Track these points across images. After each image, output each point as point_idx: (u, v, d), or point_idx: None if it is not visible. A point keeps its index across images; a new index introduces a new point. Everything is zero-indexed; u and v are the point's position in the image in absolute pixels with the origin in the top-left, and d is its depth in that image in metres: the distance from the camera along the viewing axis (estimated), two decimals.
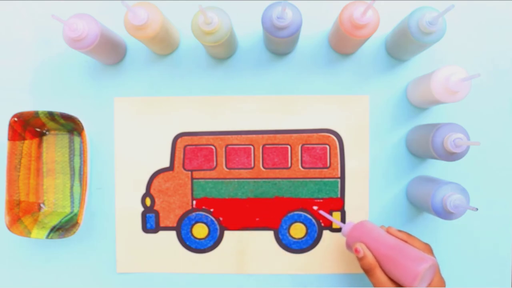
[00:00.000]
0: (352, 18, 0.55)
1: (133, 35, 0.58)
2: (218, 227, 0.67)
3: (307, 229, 0.67)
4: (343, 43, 0.63)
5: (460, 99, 0.56)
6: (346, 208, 0.66)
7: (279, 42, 0.60)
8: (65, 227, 0.65)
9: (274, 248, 0.67)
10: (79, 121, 0.63)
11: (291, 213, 0.67)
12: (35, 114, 0.64)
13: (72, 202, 0.69)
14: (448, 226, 0.66)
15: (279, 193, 0.66)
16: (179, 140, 0.67)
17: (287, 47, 0.64)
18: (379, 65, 0.67)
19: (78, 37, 0.57)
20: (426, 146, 0.58)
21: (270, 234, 0.67)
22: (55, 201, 0.69)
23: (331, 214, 0.66)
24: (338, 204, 0.66)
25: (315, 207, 0.66)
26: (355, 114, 0.66)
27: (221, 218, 0.67)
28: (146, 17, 0.56)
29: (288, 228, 0.67)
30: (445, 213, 0.56)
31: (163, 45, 0.64)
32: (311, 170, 0.66)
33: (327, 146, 0.65)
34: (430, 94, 0.57)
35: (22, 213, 0.66)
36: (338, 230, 0.66)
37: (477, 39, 0.67)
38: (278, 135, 0.66)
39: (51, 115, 0.64)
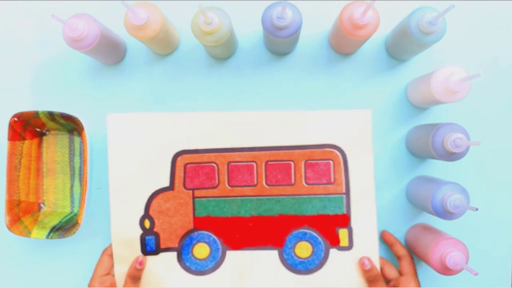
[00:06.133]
0: (352, 18, 0.55)
1: (133, 35, 0.58)
2: (220, 246, 0.64)
3: (313, 248, 0.64)
4: (343, 43, 0.63)
5: (460, 99, 0.56)
6: (353, 225, 0.64)
7: (279, 42, 0.60)
8: (65, 227, 0.65)
9: (278, 269, 0.64)
10: (79, 121, 0.63)
11: (296, 231, 0.64)
12: (35, 114, 0.64)
13: (72, 202, 0.69)
14: (448, 226, 0.66)
15: (283, 211, 0.64)
16: (179, 158, 0.64)
17: (287, 47, 0.64)
18: (379, 65, 0.67)
19: (78, 37, 0.57)
20: (426, 146, 0.58)
21: (274, 254, 0.64)
22: (55, 201, 0.69)
23: (337, 232, 0.63)
24: (344, 221, 0.64)
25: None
26: (358, 129, 0.64)
27: (223, 238, 0.65)
28: (146, 17, 0.56)
29: (293, 247, 0.64)
30: (445, 213, 0.56)
31: (163, 45, 0.64)
32: (315, 186, 0.64)
33: (331, 162, 0.64)
34: (430, 94, 0.57)
35: (22, 213, 0.66)
36: (346, 248, 0.63)
37: (477, 39, 0.67)
38: (280, 151, 0.64)
39: (51, 115, 0.64)
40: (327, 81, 0.67)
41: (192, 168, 0.64)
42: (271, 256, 0.64)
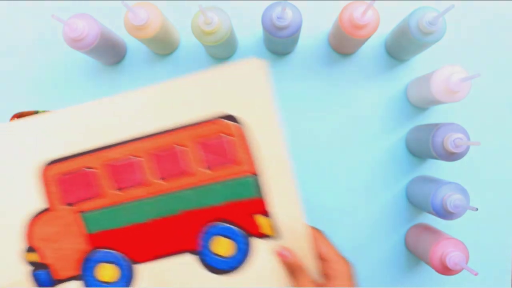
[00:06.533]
0: (352, 18, 0.55)
1: (133, 35, 0.58)
2: (127, 262, 0.54)
3: (233, 242, 0.54)
4: (343, 43, 0.63)
5: (460, 99, 0.56)
6: (272, 210, 0.52)
7: (279, 42, 0.60)
8: None
9: (202, 274, 0.53)
10: None
11: (208, 227, 0.54)
12: (35, 114, 0.64)
13: None
14: (448, 226, 0.66)
15: (186, 206, 0.53)
16: (46, 170, 0.53)
17: (287, 47, 0.64)
18: (379, 65, 0.67)
19: (78, 37, 0.57)
20: (426, 146, 0.58)
21: (192, 259, 0.54)
22: None
23: (254, 219, 0.53)
24: (259, 207, 0.52)
25: None
26: (253, 89, 0.50)
27: (126, 252, 0.54)
28: (146, 17, 0.56)
29: (211, 246, 0.54)
30: (445, 213, 0.56)
31: (163, 45, 0.64)
32: (218, 170, 0.52)
33: (229, 137, 0.51)
34: (430, 94, 0.57)
35: None
36: (271, 237, 0.53)
37: (477, 39, 0.67)
38: (166, 136, 0.52)
39: None
40: (327, 81, 0.67)
41: (66, 179, 0.53)
42: (189, 261, 0.54)
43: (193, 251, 0.54)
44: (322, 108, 0.68)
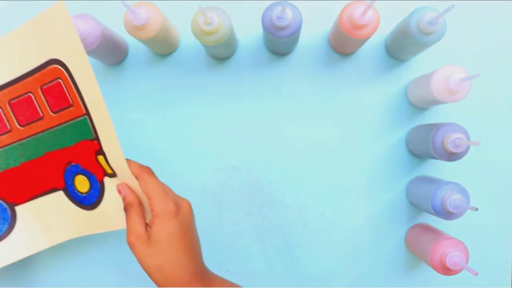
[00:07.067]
0: (352, 18, 0.55)
1: (133, 35, 0.58)
2: (6, 206, 0.60)
3: (88, 180, 0.57)
4: (343, 43, 0.63)
5: (460, 99, 0.56)
6: (104, 148, 0.53)
7: (279, 42, 0.60)
8: None
9: (72, 208, 0.59)
10: None
11: (68, 167, 0.58)
12: None
13: None
14: (448, 226, 0.66)
15: (47, 148, 0.57)
16: None
17: (287, 47, 0.64)
18: (379, 65, 0.67)
19: (79, 37, 0.57)
20: (426, 146, 0.58)
21: (61, 194, 0.59)
22: None
23: (97, 159, 0.54)
24: (97, 146, 0.54)
25: None
26: (61, 30, 0.50)
27: (4, 196, 0.59)
28: (146, 17, 0.56)
29: (74, 184, 0.58)
30: (445, 213, 0.56)
31: (163, 45, 0.64)
32: (61, 113, 0.55)
33: (60, 81, 0.53)
34: (430, 94, 0.57)
35: None
36: (113, 175, 0.54)
37: (477, 39, 0.67)
38: (17, 85, 0.55)
39: None
40: (327, 81, 0.67)
41: None
42: (60, 198, 0.59)
43: (61, 189, 0.59)
44: (322, 108, 0.68)
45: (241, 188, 0.68)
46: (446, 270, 0.56)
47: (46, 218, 0.60)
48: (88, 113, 0.53)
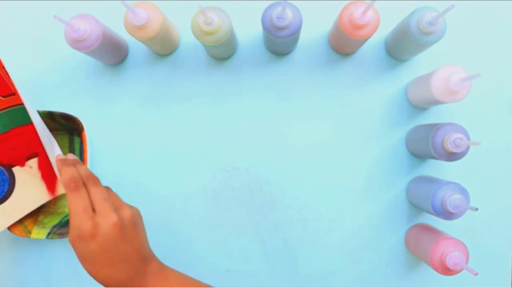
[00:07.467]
0: (352, 18, 0.55)
1: (133, 35, 0.58)
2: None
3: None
4: (343, 43, 0.63)
5: (460, 99, 0.56)
6: (40, 133, 0.57)
7: (279, 42, 0.60)
8: (65, 227, 0.65)
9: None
10: (79, 121, 0.63)
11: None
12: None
13: None
14: (448, 226, 0.66)
15: (13, 125, 0.61)
16: None
17: (287, 47, 0.64)
18: (379, 65, 0.67)
19: (80, 37, 0.57)
20: (426, 146, 0.58)
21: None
22: (55, 201, 0.69)
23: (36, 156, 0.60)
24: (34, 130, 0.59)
25: None
26: None
27: None
28: (146, 17, 0.56)
29: None
30: (445, 213, 0.56)
31: (163, 45, 0.64)
32: (9, 98, 0.59)
33: (4, 70, 0.58)
34: (430, 94, 0.57)
35: None
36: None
37: (477, 39, 0.67)
38: None
39: (51, 115, 0.64)
40: (327, 81, 0.67)
41: None
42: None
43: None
44: (322, 108, 0.68)
45: (241, 188, 0.68)
46: (446, 270, 0.56)
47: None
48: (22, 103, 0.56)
